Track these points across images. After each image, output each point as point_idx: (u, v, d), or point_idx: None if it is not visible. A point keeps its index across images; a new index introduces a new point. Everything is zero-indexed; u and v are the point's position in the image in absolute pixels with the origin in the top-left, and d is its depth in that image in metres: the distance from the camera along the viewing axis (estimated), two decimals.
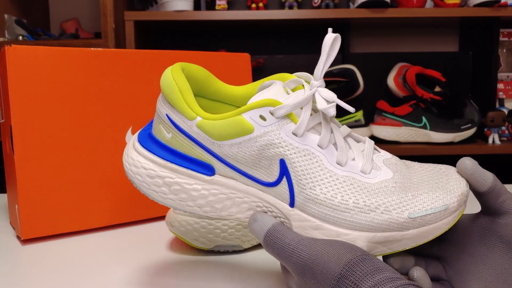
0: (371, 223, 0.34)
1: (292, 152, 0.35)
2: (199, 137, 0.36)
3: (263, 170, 0.35)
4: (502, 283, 0.35)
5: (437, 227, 0.34)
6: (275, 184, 0.35)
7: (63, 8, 1.78)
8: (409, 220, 0.34)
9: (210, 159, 0.37)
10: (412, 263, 0.37)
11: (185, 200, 0.37)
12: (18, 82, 0.54)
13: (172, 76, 0.36)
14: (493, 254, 0.35)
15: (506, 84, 1.69)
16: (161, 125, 0.38)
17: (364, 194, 0.34)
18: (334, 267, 0.31)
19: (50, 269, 0.48)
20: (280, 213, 0.36)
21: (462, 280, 0.36)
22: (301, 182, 0.35)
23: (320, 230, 0.35)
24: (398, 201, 0.34)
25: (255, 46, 1.77)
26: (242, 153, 0.35)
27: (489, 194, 0.35)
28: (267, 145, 0.35)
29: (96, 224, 0.60)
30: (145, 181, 0.37)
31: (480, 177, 0.35)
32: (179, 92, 0.36)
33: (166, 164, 0.37)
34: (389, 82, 1.64)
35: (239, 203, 0.37)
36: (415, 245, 0.34)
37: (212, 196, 0.37)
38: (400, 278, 0.30)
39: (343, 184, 0.35)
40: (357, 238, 0.34)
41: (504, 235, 0.35)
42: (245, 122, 0.34)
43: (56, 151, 0.57)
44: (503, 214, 0.35)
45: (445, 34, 1.79)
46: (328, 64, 0.35)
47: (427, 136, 1.52)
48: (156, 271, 0.48)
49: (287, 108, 0.34)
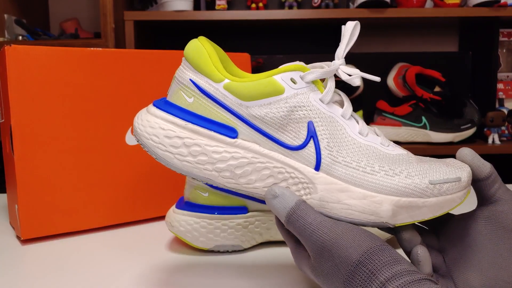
0: (397, 186, 0.35)
1: (319, 117, 0.36)
2: (225, 99, 0.36)
3: (289, 133, 0.36)
4: (498, 269, 0.35)
5: (452, 200, 0.36)
6: (301, 147, 0.36)
7: (63, 8, 1.78)
8: (430, 186, 0.35)
9: (235, 122, 0.36)
10: (419, 241, 0.37)
11: (204, 163, 0.36)
12: (18, 82, 0.54)
13: (200, 43, 0.37)
14: (489, 242, 0.36)
15: (506, 84, 1.69)
16: (181, 91, 0.37)
17: (386, 162, 0.36)
18: (353, 252, 0.31)
19: (50, 269, 0.48)
20: (305, 178, 0.36)
21: (461, 269, 0.37)
22: (328, 145, 0.36)
23: (347, 193, 0.35)
24: (419, 169, 0.36)
25: (255, 46, 1.77)
26: (271, 114, 0.36)
27: (487, 181, 0.37)
28: (296, 107, 0.36)
29: (96, 224, 0.60)
30: (162, 142, 0.36)
31: (479, 163, 0.38)
32: (208, 56, 0.36)
33: (187, 125, 0.36)
34: (389, 82, 1.64)
35: (260, 169, 0.36)
36: (432, 216, 0.36)
37: (234, 159, 0.36)
38: (417, 272, 0.30)
39: (366, 151, 0.36)
40: (383, 201, 0.35)
41: (499, 222, 0.36)
42: (276, 83, 0.36)
43: (56, 151, 0.57)
44: (497, 201, 0.37)
45: (445, 34, 1.79)
46: (349, 47, 0.37)
47: (427, 136, 1.52)
48: (156, 271, 0.48)
49: (316, 74, 0.36)
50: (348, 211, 0.35)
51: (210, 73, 0.36)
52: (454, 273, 0.37)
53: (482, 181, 0.37)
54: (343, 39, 0.37)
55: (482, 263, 0.36)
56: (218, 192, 0.51)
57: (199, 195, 0.51)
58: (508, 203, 0.37)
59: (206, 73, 0.36)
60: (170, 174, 0.65)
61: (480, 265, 0.36)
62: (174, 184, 0.65)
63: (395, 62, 1.68)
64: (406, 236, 0.37)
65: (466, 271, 0.36)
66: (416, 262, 0.36)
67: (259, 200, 0.51)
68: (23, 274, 0.47)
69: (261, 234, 0.52)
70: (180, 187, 0.66)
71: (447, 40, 1.80)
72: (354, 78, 0.37)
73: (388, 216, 0.35)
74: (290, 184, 0.36)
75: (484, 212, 0.37)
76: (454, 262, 0.37)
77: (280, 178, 0.36)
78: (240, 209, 0.51)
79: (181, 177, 0.66)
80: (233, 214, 0.51)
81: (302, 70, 0.36)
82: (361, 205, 0.35)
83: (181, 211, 0.51)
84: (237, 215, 0.51)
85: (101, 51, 0.59)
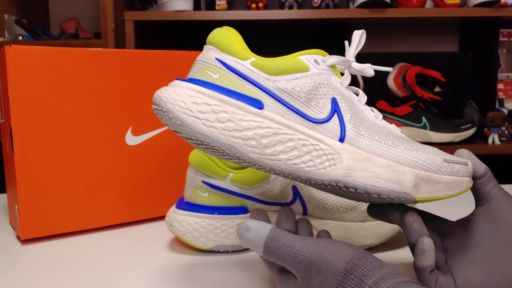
0: (416, 159, 0.36)
1: (341, 96, 0.38)
2: (251, 74, 0.37)
3: (314, 108, 0.37)
4: (496, 265, 0.36)
5: (462, 182, 0.37)
6: (326, 120, 0.37)
7: (63, 8, 1.78)
8: (445, 163, 0.37)
9: (261, 95, 0.37)
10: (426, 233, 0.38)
11: (230, 129, 0.36)
12: (18, 82, 0.54)
13: (226, 29, 0.39)
14: (487, 238, 0.37)
15: (506, 84, 1.69)
16: (205, 69, 0.38)
17: (403, 140, 0.38)
18: (339, 263, 0.32)
19: (50, 269, 0.48)
20: (330, 149, 0.36)
21: (460, 266, 0.37)
22: (352, 119, 0.37)
23: (371, 162, 0.36)
24: (432, 149, 0.38)
25: (255, 46, 1.77)
26: (298, 87, 0.37)
27: (483, 179, 0.39)
28: (321, 84, 0.38)
29: (96, 224, 0.60)
30: (189, 107, 0.35)
31: (476, 162, 0.40)
32: (234, 38, 0.38)
33: (215, 94, 0.36)
34: (389, 82, 1.64)
35: (285, 140, 0.36)
36: (447, 194, 0.37)
37: (260, 128, 0.36)
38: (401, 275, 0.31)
39: (384, 131, 0.38)
40: (406, 171, 0.36)
41: (495, 219, 0.38)
42: (302, 62, 0.38)
43: (56, 151, 0.57)
44: (492, 199, 0.38)
45: (445, 34, 1.79)
46: (358, 50, 0.41)
47: (427, 136, 1.52)
48: (156, 271, 0.48)
49: (336, 59, 0.39)
50: (374, 179, 0.35)
51: (237, 51, 0.38)
52: (454, 270, 0.38)
53: (478, 179, 0.39)
54: (352, 44, 0.41)
55: (481, 260, 0.37)
56: (218, 192, 0.51)
57: (199, 195, 0.51)
58: (502, 200, 0.38)
59: (232, 52, 0.38)
60: (170, 174, 0.65)
61: (479, 262, 0.37)
62: (174, 184, 0.65)
63: (395, 62, 1.68)
64: (417, 226, 0.37)
65: (466, 268, 0.37)
66: (421, 251, 0.36)
67: (259, 200, 0.51)
68: (23, 274, 0.47)
69: None
70: (180, 187, 0.66)
71: (447, 40, 1.80)
72: (367, 68, 0.40)
73: (411, 186, 0.35)
74: (314, 157, 0.36)
75: (481, 211, 0.39)
76: (454, 259, 0.38)
77: (304, 150, 0.36)
78: (240, 209, 0.51)
79: (181, 177, 0.66)
80: (233, 214, 0.51)
81: (323, 55, 0.39)
82: (386, 173, 0.36)
83: (181, 211, 0.51)
84: (237, 215, 0.51)
85: (101, 51, 0.59)
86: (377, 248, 0.52)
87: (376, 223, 0.50)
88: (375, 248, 0.52)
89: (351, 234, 0.50)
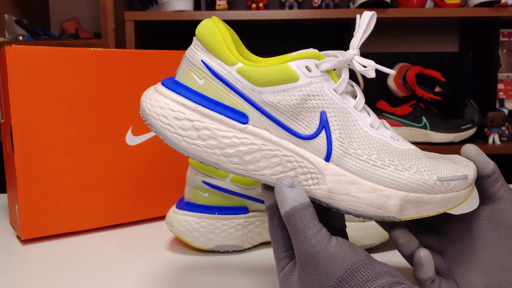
0: (406, 181, 0.35)
1: (332, 107, 0.35)
2: (237, 84, 0.35)
3: (301, 122, 0.35)
4: (501, 270, 0.35)
5: (457, 197, 0.36)
6: (312, 137, 0.35)
7: (63, 8, 1.78)
8: (438, 183, 0.35)
9: (246, 107, 0.35)
10: (416, 245, 0.37)
11: (212, 147, 0.35)
12: (18, 82, 0.54)
13: (214, 23, 0.36)
14: (492, 242, 0.36)
15: (506, 84, 1.69)
16: (192, 72, 0.36)
17: (396, 156, 0.36)
18: (337, 268, 0.31)
19: (50, 269, 0.48)
20: (314, 168, 0.35)
21: (463, 270, 0.36)
22: (340, 136, 0.35)
23: (356, 185, 0.35)
24: (428, 165, 0.36)
25: (255, 46, 1.77)
26: (284, 101, 0.35)
27: (490, 178, 0.37)
28: (310, 96, 0.35)
29: (96, 224, 0.60)
30: (171, 123, 0.35)
31: (484, 160, 0.38)
32: (222, 38, 0.35)
33: (198, 108, 0.35)
34: (389, 82, 1.64)
35: (270, 157, 0.35)
36: (438, 212, 0.35)
37: (243, 145, 0.35)
38: (400, 283, 0.30)
39: (376, 145, 0.36)
40: (392, 195, 0.34)
41: (501, 221, 0.36)
42: (291, 69, 0.35)
43: (56, 151, 0.57)
44: (499, 199, 0.37)
45: (445, 34, 1.79)
46: (365, 38, 0.37)
47: (427, 136, 1.52)
48: (156, 271, 0.48)
49: (332, 63, 0.36)
50: (356, 204, 0.35)
51: (224, 55, 0.35)
52: (456, 274, 0.37)
53: (485, 178, 0.37)
54: (359, 29, 0.36)
55: (485, 264, 0.36)
56: (218, 192, 0.51)
57: (200, 195, 0.51)
58: (510, 201, 0.36)
59: (219, 55, 0.35)
60: (170, 174, 0.65)
61: (482, 266, 0.36)
62: (174, 184, 0.65)
63: (395, 62, 1.68)
64: (402, 241, 0.37)
65: (469, 272, 0.36)
66: (419, 265, 0.36)
67: (259, 200, 0.51)
68: (23, 274, 0.47)
69: (261, 234, 0.52)
70: (180, 187, 0.66)
71: (447, 40, 1.79)
72: (369, 69, 0.36)
73: (395, 211, 0.35)
74: (299, 174, 0.35)
75: (486, 211, 0.37)
76: (456, 262, 0.37)
77: (289, 166, 0.35)
78: (240, 209, 0.51)
79: (181, 177, 0.66)
80: (233, 214, 0.51)
81: (317, 58, 0.36)
82: (369, 198, 0.35)
83: (182, 211, 0.51)
84: (237, 215, 0.51)
85: (101, 51, 0.59)
86: (377, 248, 0.52)
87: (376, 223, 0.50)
88: (375, 248, 0.52)
89: (351, 234, 0.50)
